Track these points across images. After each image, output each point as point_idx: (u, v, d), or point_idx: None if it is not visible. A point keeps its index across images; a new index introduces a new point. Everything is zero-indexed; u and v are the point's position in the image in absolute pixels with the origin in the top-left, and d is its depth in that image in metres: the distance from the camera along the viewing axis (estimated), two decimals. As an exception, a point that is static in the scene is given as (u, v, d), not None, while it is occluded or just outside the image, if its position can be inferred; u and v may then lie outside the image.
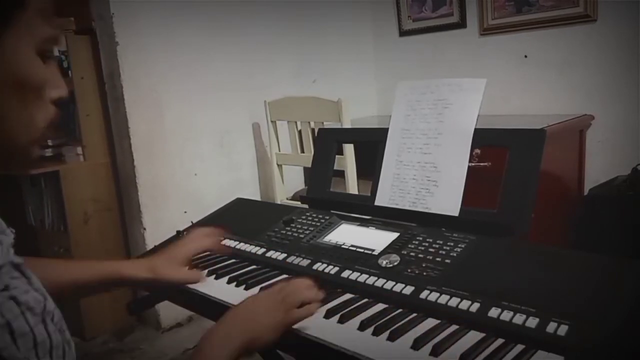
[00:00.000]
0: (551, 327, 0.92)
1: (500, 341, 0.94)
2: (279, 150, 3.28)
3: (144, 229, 3.08)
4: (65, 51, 2.97)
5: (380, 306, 1.12)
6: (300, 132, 3.13)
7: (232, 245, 1.52)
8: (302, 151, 3.14)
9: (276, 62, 3.61)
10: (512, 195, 1.29)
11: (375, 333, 1.00)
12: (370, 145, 1.59)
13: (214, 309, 1.27)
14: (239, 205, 1.82)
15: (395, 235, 1.34)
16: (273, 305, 1.05)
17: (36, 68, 0.71)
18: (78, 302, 3.02)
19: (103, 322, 3.13)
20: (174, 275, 1.30)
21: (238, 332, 0.99)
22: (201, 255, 1.51)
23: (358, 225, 1.46)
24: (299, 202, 1.81)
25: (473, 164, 1.39)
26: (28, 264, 1.10)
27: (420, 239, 1.29)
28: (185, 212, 3.13)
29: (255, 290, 1.26)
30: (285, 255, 1.39)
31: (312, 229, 1.48)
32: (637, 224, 2.63)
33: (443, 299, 1.06)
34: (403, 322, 1.04)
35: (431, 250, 1.23)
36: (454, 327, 1.00)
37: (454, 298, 1.05)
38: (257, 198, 3.53)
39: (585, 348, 0.87)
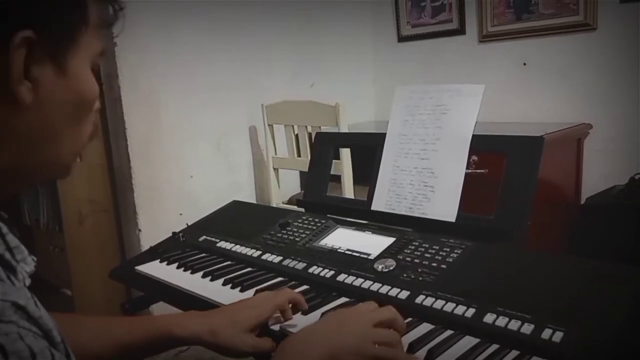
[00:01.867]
0: (546, 333, 0.92)
1: (495, 347, 0.94)
2: (276, 154, 3.28)
3: (139, 230, 3.07)
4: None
5: (375, 310, 1.12)
6: (297, 136, 3.13)
7: (228, 248, 1.52)
8: (299, 155, 3.14)
9: (274, 66, 3.61)
10: (509, 201, 1.29)
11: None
12: (367, 151, 1.59)
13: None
14: (235, 208, 1.82)
15: (391, 240, 1.34)
16: (362, 326, 0.91)
17: (92, 84, 0.72)
18: (72, 302, 3.01)
19: (97, 323, 3.12)
20: (239, 345, 1.04)
21: (318, 346, 0.87)
22: (197, 257, 1.51)
23: (354, 229, 1.46)
24: (295, 206, 1.81)
25: (470, 171, 1.39)
26: (67, 319, 1.02)
27: (417, 244, 1.29)
28: (181, 214, 3.13)
29: (250, 292, 1.26)
30: (281, 258, 1.39)
31: (308, 232, 1.48)
32: (633, 234, 2.63)
33: (438, 304, 1.06)
34: (398, 326, 1.03)
35: (427, 255, 1.23)
36: (449, 332, 1.00)
37: (449, 303, 1.05)
38: (253, 201, 3.53)
39: (581, 355, 0.87)
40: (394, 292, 1.14)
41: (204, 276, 1.38)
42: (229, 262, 1.45)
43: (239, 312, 1.08)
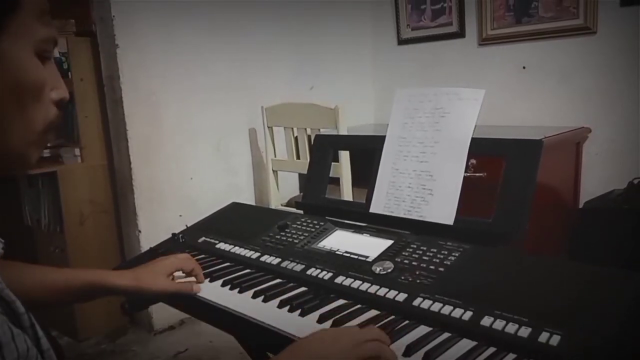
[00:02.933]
0: (543, 337, 0.92)
1: (491, 350, 0.94)
2: (275, 156, 3.28)
3: (139, 231, 3.07)
4: (66, 53, 2.98)
5: (373, 312, 1.12)
6: (296, 138, 3.13)
7: (227, 249, 1.52)
8: (298, 157, 3.14)
9: (274, 68, 3.62)
10: (508, 205, 1.29)
11: (368, 339, 1.00)
12: (366, 153, 1.60)
13: (208, 311, 1.28)
14: (234, 210, 1.83)
15: (389, 242, 1.34)
16: (346, 348, 0.92)
17: (34, 69, 0.71)
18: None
19: (96, 323, 3.13)
20: (158, 285, 1.29)
21: None
22: (197, 258, 1.51)
23: (352, 231, 1.46)
24: (294, 208, 1.82)
25: (469, 174, 1.39)
26: (11, 267, 1.10)
27: (415, 246, 1.29)
28: (181, 215, 3.13)
29: (248, 293, 1.26)
30: (280, 260, 1.39)
31: (306, 234, 1.48)
32: (631, 238, 2.63)
33: (436, 306, 1.06)
34: (395, 328, 1.04)
35: (425, 258, 1.24)
36: (446, 335, 1.00)
37: (446, 306, 1.06)
38: (252, 203, 3.53)
39: (578, 358, 0.87)
40: (391, 294, 1.14)
41: (202, 277, 1.39)
42: (227, 264, 1.46)
43: (158, 262, 1.35)
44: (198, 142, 3.30)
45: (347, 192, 2.85)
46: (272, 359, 0.92)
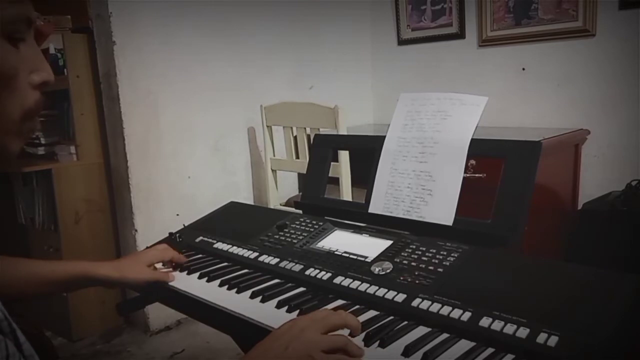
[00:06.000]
0: (541, 337, 0.91)
1: (490, 350, 0.94)
2: (274, 156, 3.27)
3: (136, 230, 3.06)
4: (62, 49, 2.98)
5: (372, 313, 1.12)
6: (295, 137, 3.12)
7: (225, 249, 1.51)
8: (297, 157, 3.14)
9: (274, 67, 3.62)
10: (506, 206, 1.28)
11: (367, 340, 1.00)
12: (365, 154, 1.59)
13: (205, 311, 1.27)
14: (233, 209, 1.82)
15: (388, 242, 1.34)
16: (310, 337, 0.90)
17: (1, 54, 0.65)
18: (66, 302, 3.00)
19: (91, 323, 3.11)
20: (140, 275, 1.35)
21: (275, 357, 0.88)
22: (194, 258, 1.51)
23: (351, 232, 1.46)
24: (293, 208, 1.81)
25: (468, 175, 1.39)
26: None
27: (414, 247, 1.29)
28: (178, 214, 3.12)
29: (247, 294, 1.26)
30: (278, 260, 1.38)
31: (305, 234, 1.47)
32: (630, 240, 2.63)
33: (435, 307, 1.06)
34: (394, 329, 1.03)
35: (424, 258, 1.23)
36: (445, 336, 1.00)
37: (445, 307, 1.05)
38: (251, 203, 3.52)
39: (575, 359, 0.87)
40: (390, 294, 1.13)
41: (200, 277, 1.38)
42: (225, 264, 1.45)
43: (140, 253, 1.45)
44: (196, 141, 3.29)
45: (346, 192, 2.85)
46: (244, 358, 0.90)
